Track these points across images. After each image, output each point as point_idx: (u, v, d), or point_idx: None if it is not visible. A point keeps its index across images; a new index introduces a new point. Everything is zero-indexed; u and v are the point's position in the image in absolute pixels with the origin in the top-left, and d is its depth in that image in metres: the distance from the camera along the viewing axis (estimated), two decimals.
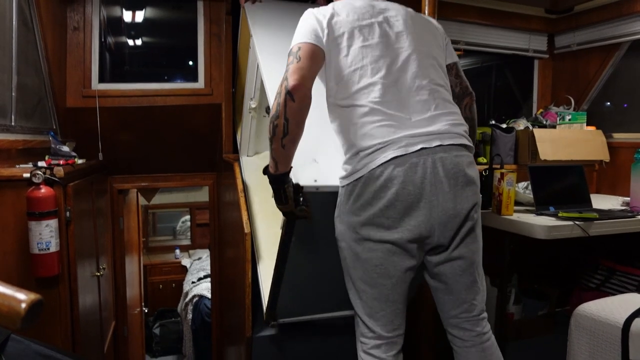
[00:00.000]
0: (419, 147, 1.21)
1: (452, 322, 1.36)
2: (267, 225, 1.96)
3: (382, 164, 1.20)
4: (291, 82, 1.17)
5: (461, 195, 1.25)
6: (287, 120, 1.17)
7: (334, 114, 1.35)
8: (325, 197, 1.35)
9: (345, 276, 1.35)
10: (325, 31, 1.27)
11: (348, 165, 1.29)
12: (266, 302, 1.66)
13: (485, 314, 1.38)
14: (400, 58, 1.31)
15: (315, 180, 1.34)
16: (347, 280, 1.35)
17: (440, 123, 1.27)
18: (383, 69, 1.27)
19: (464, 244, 1.29)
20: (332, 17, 1.29)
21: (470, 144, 1.32)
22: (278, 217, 1.73)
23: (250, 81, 2.25)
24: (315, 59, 1.25)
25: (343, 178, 1.31)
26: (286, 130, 1.18)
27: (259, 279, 1.78)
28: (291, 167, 1.26)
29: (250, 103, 2.25)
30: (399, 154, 1.20)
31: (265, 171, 1.28)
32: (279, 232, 1.42)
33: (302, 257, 1.49)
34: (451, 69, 1.48)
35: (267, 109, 2.32)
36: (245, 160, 2.35)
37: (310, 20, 1.28)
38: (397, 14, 1.37)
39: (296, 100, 1.16)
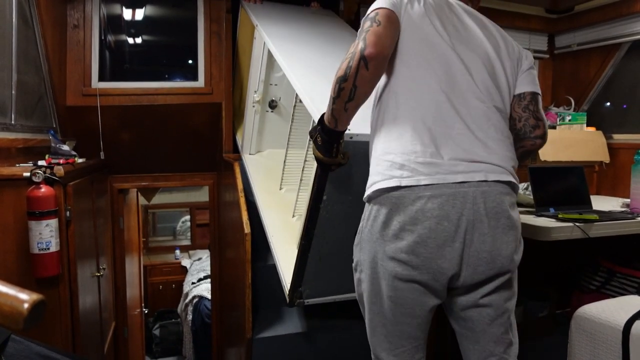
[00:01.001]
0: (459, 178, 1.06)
1: None
2: (277, 212, 1.94)
3: (414, 188, 1.06)
4: (369, 47, 1.03)
5: (501, 239, 1.09)
6: (355, 87, 1.05)
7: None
8: (358, 146, 1.28)
9: (362, 308, 1.22)
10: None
11: (377, 176, 1.12)
12: (288, 283, 1.59)
13: None
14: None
15: (349, 129, 1.25)
16: (363, 312, 1.22)
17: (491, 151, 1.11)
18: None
19: (497, 292, 1.14)
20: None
21: (517, 183, 1.16)
22: (288, 206, 1.71)
23: (255, 74, 2.25)
24: (396, 29, 1.11)
25: (370, 189, 1.13)
26: (352, 96, 1.07)
27: (276, 261, 1.73)
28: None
29: (254, 96, 2.26)
30: (435, 182, 1.05)
31: (320, 122, 1.18)
32: (290, 218, 1.39)
33: (332, 220, 1.43)
34: (523, 98, 1.24)
35: (271, 103, 2.34)
36: (247, 158, 2.35)
37: None
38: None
39: (370, 69, 1.04)
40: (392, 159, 1.09)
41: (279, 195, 2.05)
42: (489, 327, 1.16)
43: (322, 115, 1.18)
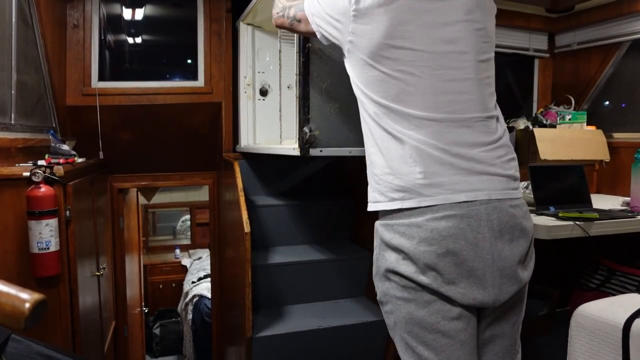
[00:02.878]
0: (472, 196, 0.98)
1: None
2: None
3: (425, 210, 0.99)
4: None
5: (517, 252, 1.05)
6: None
7: None
8: None
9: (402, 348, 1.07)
10: None
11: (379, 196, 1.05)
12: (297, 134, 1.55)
13: None
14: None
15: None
16: (405, 352, 1.06)
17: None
18: None
19: (515, 307, 1.12)
20: None
21: (519, 188, 1.09)
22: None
23: (243, 61, 2.32)
24: None
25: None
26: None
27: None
28: None
29: (245, 81, 2.32)
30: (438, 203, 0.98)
31: None
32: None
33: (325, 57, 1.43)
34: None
35: (261, 90, 2.36)
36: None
37: None
38: None
39: None
40: (391, 180, 1.02)
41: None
42: (502, 340, 1.10)
43: None
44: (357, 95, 1.09)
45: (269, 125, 2.33)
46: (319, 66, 1.45)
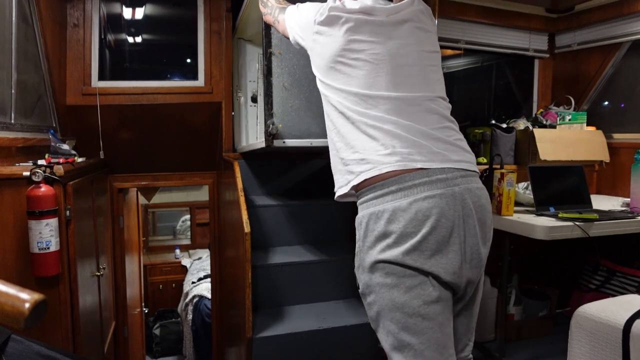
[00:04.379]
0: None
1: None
2: None
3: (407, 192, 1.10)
4: None
5: (484, 235, 1.15)
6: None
7: None
8: None
9: (383, 334, 1.16)
10: None
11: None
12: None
13: (471, 356, 1.29)
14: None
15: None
16: (387, 339, 1.15)
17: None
18: None
19: (479, 289, 1.23)
20: None
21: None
22: None
23: (235, 72, 2.43)
24: None
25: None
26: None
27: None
28: None
29: (237, 88, 2.43)
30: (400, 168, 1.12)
31: None
32: None
33: (285, 55, 1.67)
34: None
35: (253, 97, 2.47)
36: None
37: None
38: None
39: None
40: (356, 157, 1.17)
41: None
42: (464, 318, 1.22)
43: None
44: (320, 89, 1.26)
45: (261, 130, 2.46)
46: (279, 68, 1.66)
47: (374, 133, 1.13)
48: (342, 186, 1.20)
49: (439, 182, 1.09)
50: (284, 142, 1.71)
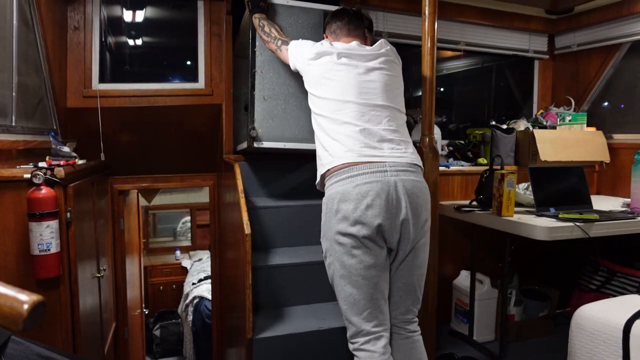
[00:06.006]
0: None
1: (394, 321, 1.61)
2: None
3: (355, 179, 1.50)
4: None
5: (419, 210, 1.52)
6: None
7: None
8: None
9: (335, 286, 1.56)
10: None
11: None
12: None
13: (417, 319, 1.64)
14: None
15: None
16: (337, 290, 1.55)
17: None
18: None
19: (420, 254, 1.56)
20: None
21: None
22: None
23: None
24: None
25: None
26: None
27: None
28: None
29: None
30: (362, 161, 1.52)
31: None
32: None
33: (267, 68, 2.00)
34: None
35: (245, 107, 2.49)
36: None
37: None
38: None
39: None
40: (326, 155, 1.58)
41: None
42: (406, 286, 1.57)
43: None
44: (310, 100, 1.69)
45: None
46: (260, 83, 2.01)
47: (337, 136, 1.53)
48: (318, 176, 1.62)
49: (378, 172, 1.46)
50: (262, 144, 2.02)
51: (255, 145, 2.02)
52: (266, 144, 2.03)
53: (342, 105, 1.55)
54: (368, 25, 1.81)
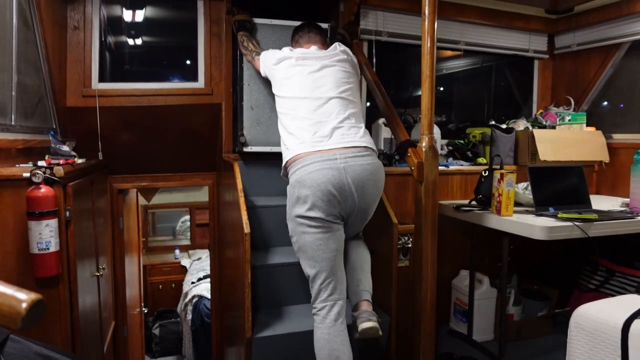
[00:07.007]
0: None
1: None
2: None
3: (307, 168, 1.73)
4: None
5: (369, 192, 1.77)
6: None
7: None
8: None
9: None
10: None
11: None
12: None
13: (361, 233, 1.99)
14: None
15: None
16: (302, 262, 1.78)
17: None
18: None
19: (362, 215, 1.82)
20: None
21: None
22: None
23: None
24: None
25: None
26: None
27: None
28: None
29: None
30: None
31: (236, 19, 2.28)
32: None
33: (252, 80, 2.29)
34: None
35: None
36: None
37: None
38: None
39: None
40: (286, 148, 1.82)
41: None
42: (352, 229, 1.87)
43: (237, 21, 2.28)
44: (276, 102, 1.93)
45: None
46: (248, 95, 2.31)
47: (294, 130, 1.76)
48: (282, 167, 1.84)
49: (329, 160, 1.66)
50: (250, 148, 2.30)
51: (245, 149, 2.29)
52: (254, 148, 2.30)
53: (299, 102, 1.79)
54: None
